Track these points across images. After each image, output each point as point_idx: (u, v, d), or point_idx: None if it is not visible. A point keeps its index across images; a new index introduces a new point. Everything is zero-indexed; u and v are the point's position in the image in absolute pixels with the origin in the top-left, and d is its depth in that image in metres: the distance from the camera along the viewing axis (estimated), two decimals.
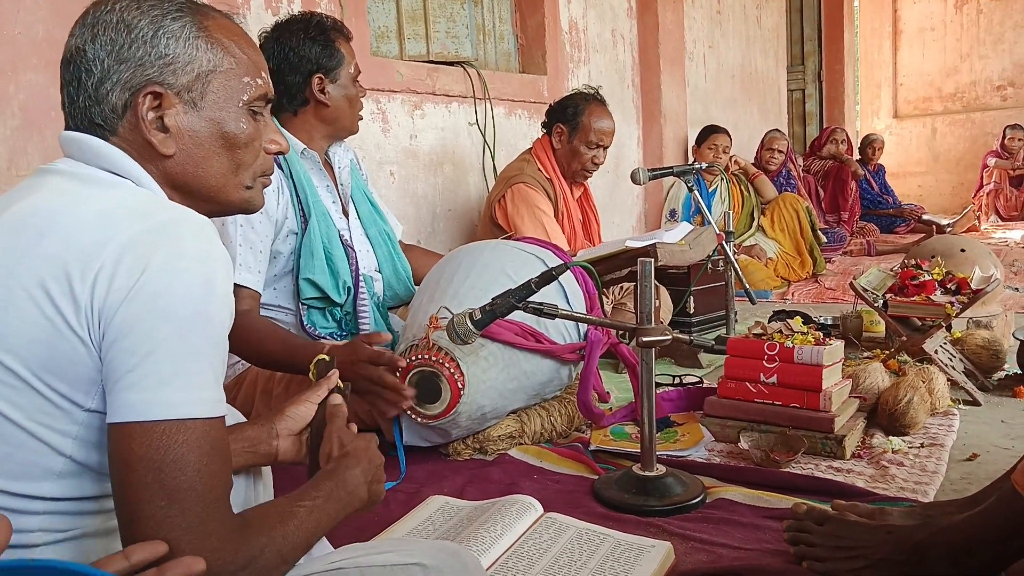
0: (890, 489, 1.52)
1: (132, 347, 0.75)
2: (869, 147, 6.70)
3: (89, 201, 0.82)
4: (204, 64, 0.91)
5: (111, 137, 0.88)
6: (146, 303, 0.75)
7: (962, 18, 8.80)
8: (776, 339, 1.82)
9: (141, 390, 0.74)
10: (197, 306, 0.77)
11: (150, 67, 0.88)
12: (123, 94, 0.88)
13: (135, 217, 0.80)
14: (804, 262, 4.44)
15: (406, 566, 0.85)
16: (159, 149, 0.89)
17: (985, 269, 2.67)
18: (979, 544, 1.04)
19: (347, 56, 1.99)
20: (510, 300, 1.50)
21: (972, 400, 2.05)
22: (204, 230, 0.83)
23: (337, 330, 1.97)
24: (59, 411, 0.77)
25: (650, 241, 2.47)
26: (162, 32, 0.88)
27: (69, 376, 0.76)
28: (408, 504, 1.51)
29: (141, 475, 0.74)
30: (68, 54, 0.90)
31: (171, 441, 0.74)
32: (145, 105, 0.88)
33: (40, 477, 0.78)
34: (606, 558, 1.26)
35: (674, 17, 4.75)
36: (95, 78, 0.87)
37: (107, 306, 0.75)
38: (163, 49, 0.88)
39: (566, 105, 2.93)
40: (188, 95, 0.90)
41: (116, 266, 0.76)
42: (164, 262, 0.77)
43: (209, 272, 0.79)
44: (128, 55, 0.87)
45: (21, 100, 1.87)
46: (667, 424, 1.92)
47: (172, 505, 0.74)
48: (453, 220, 3.35)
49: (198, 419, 0.76)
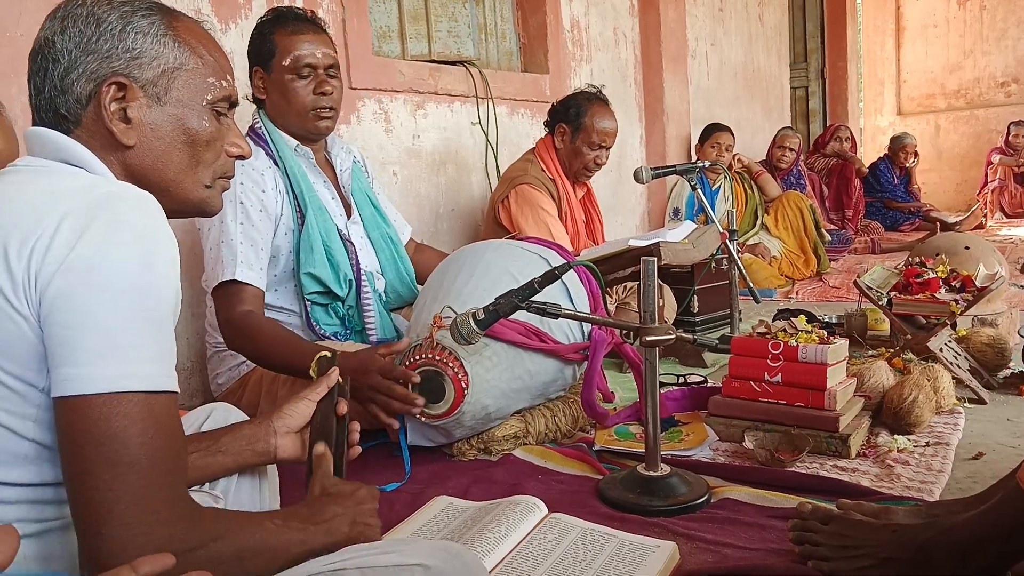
0: (895, 488, 1.51)
1: (67, 320, 0.75)
2: (902, 151, 6.60)
3: (36, 185, 0.83)
4: (170, 61, 0.93)
5: (75, 129, 0.90)
6: (80, 275, 0.75)
7: (965, 14, 8.77)
8: (780, 338, 1.81)
9: (77, 364, 0.74)
10: (133, 279, 0.77)
11: (116, 60, 0.90)
12: (88, 84, 0.89)
13: (77, 192, 0.81)
14: (808, 260, 4.44)
15: (408, 567, 0.85)
16: (120, 139, 0.90)
17: (990, 266, 2.66)
18: (984, 543, 1.04)
19: (281, 47, 1.85)
20: (513, 300, 1.50)
21: (977, 398, 2.04)
22: (146, 204, 0.82)
23: (342, 328, 1.96)
24: (15, 394, 0.77)
25: (653, 240, 2.46)
26: (131, 27, 0.91)
27: (17, 356, 0.76)
28: (412, 505, 1.51)
29: (84, 448, 0.74)
30: (37, 46, 0.91)
31: (110, 414, 0.74)
32: (109, 95, 0.89)
33: (9, 463, 0.78)
34: (611, 558, 1.26)
35: (676, 15, 4.74)
36: (61, 68, 0.89)
37: (41, 277, 0.75)
38: (130, 43, 0.90)
39: (568, 105, 2.92)
40: (153, 89, 0.92)
41: (52, 237, 0.76)
42: (100, 234, 0.76)
43: (148, 247, 0.79)
44: (95, 47, 0.89)
45: (23, 102, 1.87)
46: (671, 424, 1.92)
47: (116, 479, 0.74)
48: (456, 220, 3.35)
49: (138, 392, 0.76)
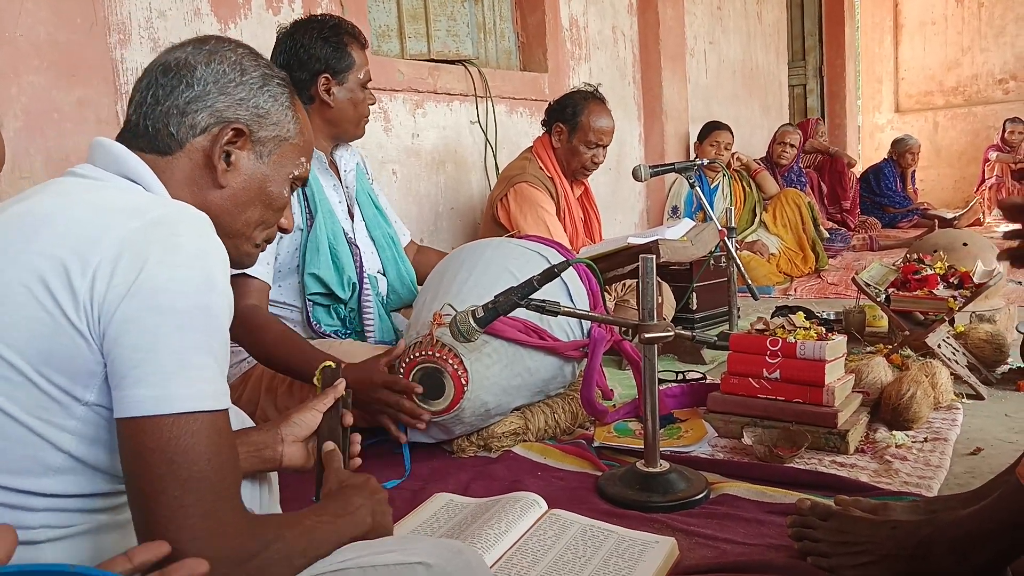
0: (894, 484, 1.52)
1: (135, 343, 0.77)
2: (908, 153, 6.58)
3: (85, 199, 0.85)
4: (283, 131, 1.02)
5: (174, 151, 0.95)
6: (146, 299, 0.77)
7: (963, 11, 8.78)
8: (779, 334, 1.82)
9: (148, 386, 0.76)
10: (196, 300, 0.79)
11: (244, 109, 0.98)
12: (210, 118, 0.96)
13: (130, 214, 0.82)
14: (806, 257, 4.44)
15: (409, 565, 0.85)
16: (218, 176, 0.97)
17: (988, 263, 2.67)
18: (984, 538, 1.04)
19: (358, 62, 2.00)
20: (513, 297, 1.50)
21: (975, 394, 2.05)
22: (202, 224, 0.85)
23: (342, 328, 1.97)
24: (57, 405, 0.78)
25: (652, 238, 2.46)
26: (267, 89, 1.00)
27: (68, 369, 0.78)
28: (413, 501, 1.51)
29: (154, 466, 0.75)
30: (173, 63, 0.97)
31: (181, 433, 0.76)
32: (226, 136, 0.96)
33: (40, 473, 0.79)
34: (610, 554, 1.26)
35: (674, 13, 4.74)
36: (192, 93, 0.95)
37: (107, 303, 0.77)
38: (261, 102, 0.99)
39: (565, 104, 2.92)
40: (260, 147, 1.00)
41: (114, 263, 0.78)
42: (161, 258, 0.79)
43: (207, 266, 0.81)
44: (231, 91, 0.97)
45: (23, 102, 1.87)
46: (670, 420, 1.92)
47: (186, 494, 0.76)
48: (455, 218, 3.35)
49: (205, 412, 0.78)
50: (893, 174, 6.62)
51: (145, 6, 2.20)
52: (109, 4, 2.11)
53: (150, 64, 0.99)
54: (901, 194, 6.63)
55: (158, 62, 0.98)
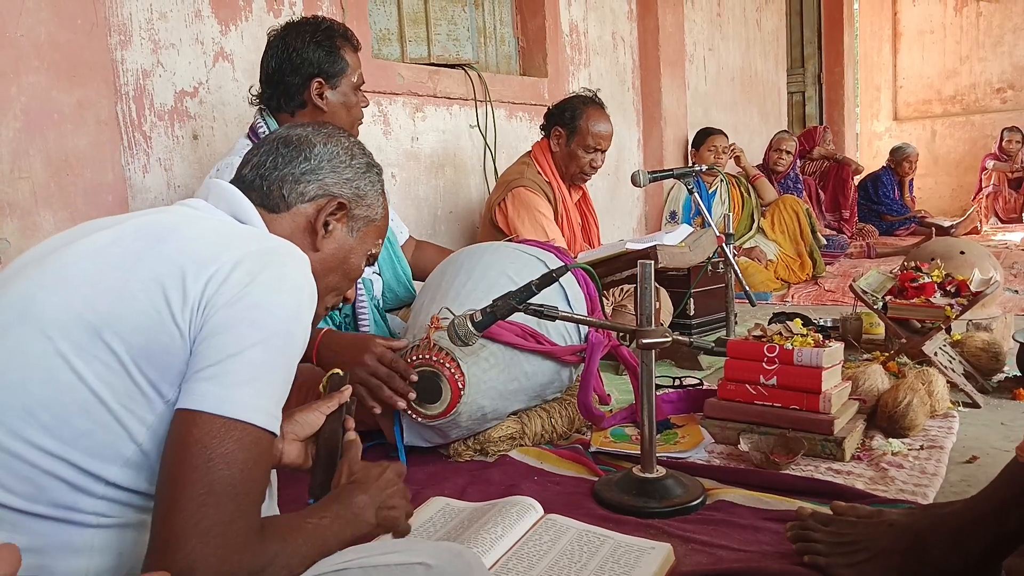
0: (890, 491, 1.52)
1: (221, 345, 0.83)
2: (905, 161, 6.60)
3: (208, 224, 0.97)
4: (374, 213, 1.18)
5: (282, 211, 1.08)
6: (245, 310, 0.85)
7: (962, 20, 8.81)
8: (776, 341, 1.82)
9: (218, 384, 0.81)
10: (286, 325, 0.87)
11: (348, 188, 1.13)
12: (318, 189, 1.11)
13: (247, 239, 0.94)
14: (804, 264, 4.45)
15: (410, 565, 0.86)
16: (316, 240, 1.10)
17: (984, 271, 2.67)
18: (979, 524, 1.03)
19: (351, 65, 1.99)
20: (511, 301, 1.50)
21: (972, 402, 2.05)
22: (303, 264, 0.95)
23: (335, 327, 1.97)
24: (144, 399, 0.83)
25: (650, 243, 2.47)
26: (367, 175, 1.17)
27: (161, 365, 0.83)
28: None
29: (191, 458, 0.79)
30: (294, 138, 1.13)
31: (227, 437, 0.80)
32: (331, 207, 1.11)
33: (111, 460, 0.82)
34: (606, 560, 1.26)
35: (674, 20, 4.76)
36: (308, 166, 1.10)
37: (211, 305, 0.84)
38: (363, 185, 1.15)
39: (564, 108, 2.93)
40: (353, 223, 1.15)
41: (228, 274, 0.86)
42: (268, 281, 0.87)
43: (301, 300, 0.90)
44: (340, 170, 1.13)
45: (23, 103, 1.87)
46: (667, 426, 1.92)
47: (210, 495, 0.78)
48: (454, 222, 3.36)
49: (256, 426, 0.82)
50: (891, 182, 6.64)
51: (146, 7, 2.20)
52: (110, 5, 2.11)
53: (271, 134, 1.15)
54: (899, 202, 6.65)
55: (280, 134, 1.13)
